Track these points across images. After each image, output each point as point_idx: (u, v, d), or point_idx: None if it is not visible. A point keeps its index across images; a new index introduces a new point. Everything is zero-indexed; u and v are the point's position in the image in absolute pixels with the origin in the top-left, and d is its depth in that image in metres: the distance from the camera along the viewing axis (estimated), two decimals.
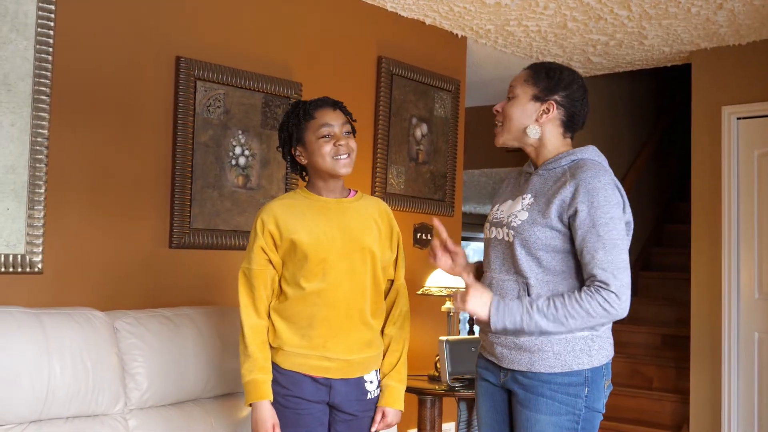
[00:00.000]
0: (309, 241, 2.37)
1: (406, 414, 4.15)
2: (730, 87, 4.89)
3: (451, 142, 4.73)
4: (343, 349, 2.40)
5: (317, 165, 2.41)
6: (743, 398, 4.77)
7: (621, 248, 2.17)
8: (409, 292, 4.24)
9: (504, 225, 2.24)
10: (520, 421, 2.19)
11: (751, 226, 4.80)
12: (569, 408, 2.15)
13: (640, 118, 6.66)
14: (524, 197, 2.25)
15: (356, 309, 2.41)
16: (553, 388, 2.15)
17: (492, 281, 2.26)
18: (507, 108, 2.28)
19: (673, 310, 6.00)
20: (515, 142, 2.30)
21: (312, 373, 2.39)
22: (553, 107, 2.25)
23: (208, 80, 3.46)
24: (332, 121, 2.41)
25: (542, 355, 2.15)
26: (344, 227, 2.41)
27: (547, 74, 2.27)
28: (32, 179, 2.92)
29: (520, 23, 4.45)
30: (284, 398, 2.39)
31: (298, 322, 2.39)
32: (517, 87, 2.27)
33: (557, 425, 2.14)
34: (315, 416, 2.40)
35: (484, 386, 2.34)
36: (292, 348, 2.39)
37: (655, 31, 4.56)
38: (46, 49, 2.95)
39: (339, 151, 2.38)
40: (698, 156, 5.01)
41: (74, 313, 2.73)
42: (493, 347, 2.26)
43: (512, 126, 2.27)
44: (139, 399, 2.82)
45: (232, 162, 3.56)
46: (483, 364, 2.35)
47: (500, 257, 2.25)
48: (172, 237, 3.35)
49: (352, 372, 2.43)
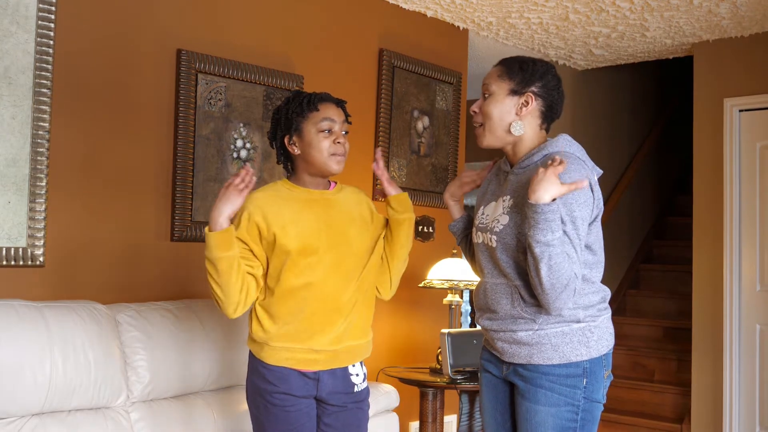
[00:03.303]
0: (296, 235, 2.33)
1: (408, 407, 4.17)
2: (733, 79, 4.87)
3: (453, 134, 4.73)
4: (330, 341, 2.37)
5: (311, 158, 2.36)
6: (745, 390, 4.77)
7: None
8: (411, 285, 4.28)
9: (488, 230, 2.25)
10: (521, 412, 2.21)
11: (753, 219, 4.79)
12: (568, 399, 2.16)
13: (641, 111, 6.65)
14: (504, 199, 2.24)
15: (343, 302, 2.37)
16: (552, 379, 2.16)
17: (486, 286, 2.28)
18: (485, 107, 2.24)
19: (675, 303, 6.00)
20: (498, 143, 2.26)
21: (299, 367, 2.35)
22: (531, 99, 2.22)
23: (209, 73, 3.46)
24: (335, 117, 2.37)
25: (540, 347, 2.17)
26: (330, 221, 2.38)
27: (520, 67, 2.23)
28: (33, 172, 2.92)
29: (521, 15, 4.44)
30: (271, 395, 2.35)
31: (284, 317, 2.35)
32: (492, 84, 2.24)
33: (556, 416, 2.16)
34: (303, 411, 2.37)
35: (488, 378, 2.36)
36: (278, 343, 2.35)
37: (657, 23, 4.55)
38: (47, 42, 2.95)
39: (337, 149, 2.36)
40: (700, 148, 5.01)
41: (76, 306, 2.73)
42: (494, 342, 2.27)
43: (494, 125, 2.23)
44: (141, 392, 2.83)
45: (233, 155, 3.56)
46: (487, 356, 2.37)
47: (489, 262, 2.27)
48: (174, 230, 3.35)
49: (339, 362, 2.40)
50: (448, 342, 3.76)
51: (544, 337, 2.16)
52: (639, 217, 6.51)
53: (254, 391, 2.40)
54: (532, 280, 2.10)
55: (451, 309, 4.22)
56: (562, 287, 2.07)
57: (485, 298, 2.28)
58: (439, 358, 3.92)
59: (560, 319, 2.17)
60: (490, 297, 2.25)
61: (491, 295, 2.24)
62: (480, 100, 2.27)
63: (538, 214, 2.03)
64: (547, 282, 2.06)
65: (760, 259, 4.76)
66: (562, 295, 2.08)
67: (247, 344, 2.47)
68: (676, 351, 5.55)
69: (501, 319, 2.24)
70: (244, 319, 3.03)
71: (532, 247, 2.05)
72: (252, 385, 2.41)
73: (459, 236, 2.53)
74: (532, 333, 2.17)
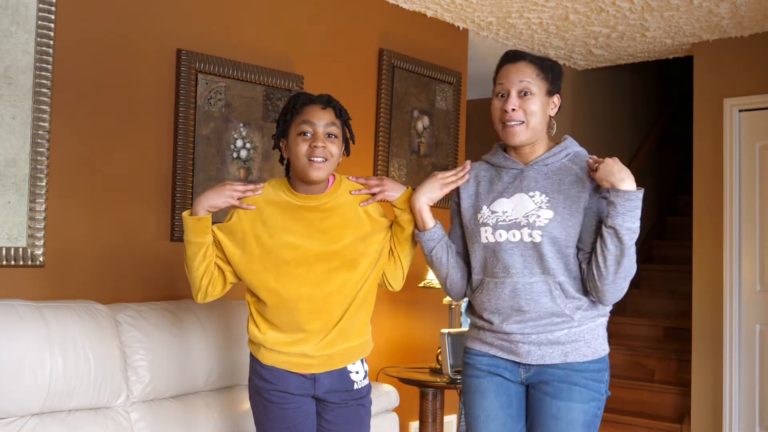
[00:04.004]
0: (288, 243, 2.31)
1: (408, 407, 4.17)
2: (732, 79, 4.87)
3: (453, 134, 4.73)
4: (324, 346, 2.34)
5: (293, 163, 2.33)
6: (744, 390, 4.77)
7: None
8: (411, 285, 4.28)
9: (524, 226, 2.22)
10: (551, 412, 2.21)
11: (753, 219, 4.79)
12: (596, 394, 2.23)
13: (641, 111, 6.65)
14: (531, 195, 2.24)
15: (335, 310, 2.34)
16: (587, 376, 2.22)
17: (516, 286, 2.22)
18: (529, 105, 2.25)
19: (675, 303, 6.00)
20: (532, 139, 2.29)
21: (294, 370, 2.34)
22: (557, 101, 2.32)
23: (209, 73, 3.46)
24: (315, 119, 2.28)
25: (575, 345, 2.22)
26: (324, 228, 2.33)
27: (551, 68, 2.30)
28: (33, 172, 2.92)
29: (521, 15, 4.44)
30: (269, 393, 2.34)
31: (279, 325, 2.34)
32: (532, 83, 2.25)
33: (587, 412, 2.22)
34: (301, 410, 2.36)
35: (497, 382, 2.30)
36: (273, 346, 2.34)
37: (657, 23, 4.55)
38: (47, 42, 2.95)
39: (314, 152, 2.25)
40: (700, 148, 5.01)
41: (76, 306, 2.73)
42: (515, 345, 2.24)
43: (537, 123, 2.26)
44: (141, 392, 2.83)
45: (233, 155, 3.56)
46: (491, 361, 2.31)
47: (520, 260, 2.22)
48: (174, 230, 3.35)
49: (335, 364, 2.37)
50: (447, 342, 3.76)
51: (579, 335, 2.22)
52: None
53: (254, 391, 2.40)
54: (601, 270, 2.15)
55: (450, 309, 4.23)
56: (631, 276, 2.17)
57: (513, 299, 2.22)
58: (439, 358, 3.92)
59: (596, 314, 2.26)
60: (522, 297, 2.21)
61: (524, 295, 2.21)
62: (514, 98, 2.25)
63: (632, 201, 2.12)
64: (625, 271, 2.14)
65: (760, 259, 4.77)
66: (626, 283, 2.18)
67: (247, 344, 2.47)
68: (676, 351, 5.55)
69: (534, 320, 2.22)
70: (244, 320, 3.03)
71: (621, 235, 2.11)
72: (252, 384, 2.41)
73: (438, 243, 2.38)
74: (568, 331, 2.22)
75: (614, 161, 2.15)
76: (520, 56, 2.29)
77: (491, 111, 2.32)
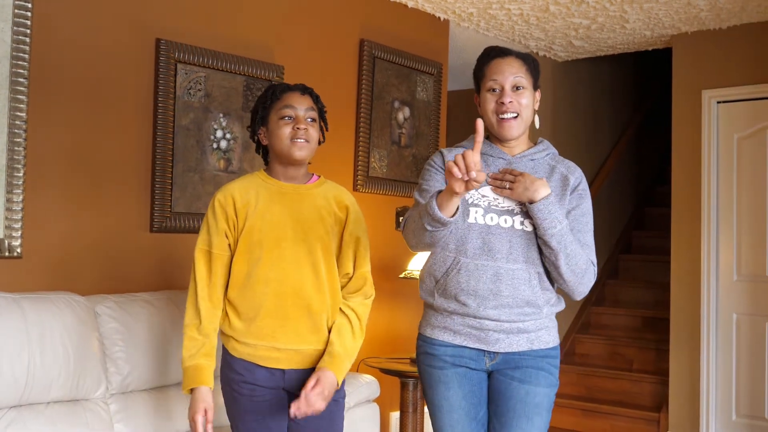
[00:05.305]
0: (261, 227, 2.31)
1: (389, 396, 4.18)
2: (711, 71, 4.91)
3: (434, 125, 4.73)
4: (292, 339, 2.32)
5: (275, 147, 2.35)
6: (722, 379, 4.83)
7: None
8: (391, 276, 4.28)
9: (518, 213, 2.25)
10: (518, 395, 2.27)
11: (730, 209, 4.84)
12: (555, 380, 2.33)
13: (621, 102, 6.68)
14: None
15: (306, 300, 2.32)
16: (549, 362, 2.31)
17: (500, 271, 2.23)
18: (522, 99, 2.30)
19: (653, 293, 6.05)
20: (523, 133, 2.35)
21: (262, 364, 2.33)
22: (538, 96, 2.39)
23: (188, 63, 3.44)
24: (296, 104, 2.34)
25: (538, 333, 2.30)
26: (297, 215, 2.34)
27: (533, 63, 2.36)
28: (10, 162, 2.89)
29: (502, 6, 4.44)
30: (239, 384, 2.33)
31: (245, 312, 2.32)
32: (523, 78, 2.31)
33: (549, 396, 2.30)
34: (272, 402, 2.34)
35: (461, 372, 2.31)
36: (242, 338, 2.33)
37: (637, 14, 4.57)
38: (24, 31, 2.91)
39: (297, 134, 2.31)
40: (679, 140, 5.05)
41: (54, 298, 2.71)
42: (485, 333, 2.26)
43: (528, 117, 2.33)
44: (120, 383, 2.81)
45: (213, 145, 3.54)
46: (456, 352, 2.31)
47: (507, 246, 2.24)
48: (153, 221, 3.33)
49: (304, 363, 2.35)
50: None
51: (542, 323, 2.30)
52: (618, 208, 6.56)
53: (224, 382, 2.39)
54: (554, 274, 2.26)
55: None
56: (586, 267, 2.24)
57: (494, 284, 2.23)
58: None
59: (558, 308, 2.35)
60: (503, 282, 2.22)
61: (506, 281, 2.23)
62: (509, 92, 2.28)
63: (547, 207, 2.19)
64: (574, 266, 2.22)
65: (737, 249, 4.82)
66: (586, 277, 2.25)
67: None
68: (655, 340, 5.61)
69: (510, 306, 2.24)
70: None
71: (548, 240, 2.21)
72: (223, 375, 2.40)
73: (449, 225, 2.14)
74: (535, 321, 2.29)
75: (528, 175, 2.22)
76: (507, 51, 2.34)
77: (481, 105, 2.33)
